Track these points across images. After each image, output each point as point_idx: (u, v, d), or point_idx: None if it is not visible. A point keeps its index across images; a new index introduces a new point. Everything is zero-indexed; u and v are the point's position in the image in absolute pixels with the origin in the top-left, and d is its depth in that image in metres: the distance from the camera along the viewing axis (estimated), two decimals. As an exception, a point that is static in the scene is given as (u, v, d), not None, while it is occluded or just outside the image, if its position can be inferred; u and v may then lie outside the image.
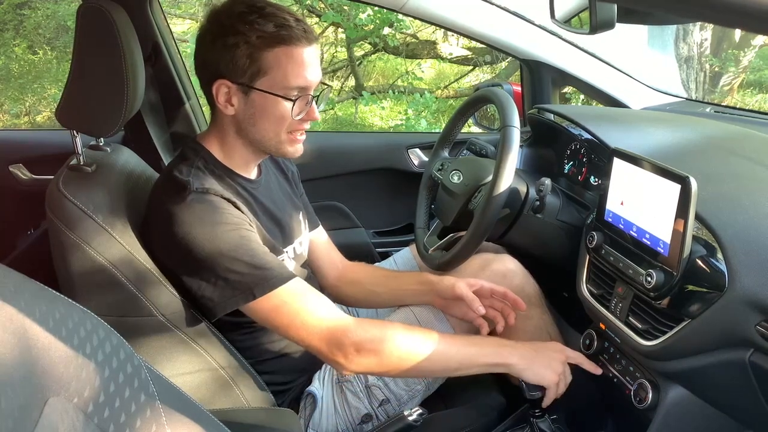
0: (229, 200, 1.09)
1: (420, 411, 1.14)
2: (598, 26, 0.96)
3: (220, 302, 1.07)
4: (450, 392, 1.32)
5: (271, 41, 1.05)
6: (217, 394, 1.15)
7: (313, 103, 1.13)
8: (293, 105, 1.09)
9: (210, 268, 1.04)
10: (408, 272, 1.41)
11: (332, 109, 5.17)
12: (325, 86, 1.20)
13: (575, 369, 1.30)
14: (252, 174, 1.22)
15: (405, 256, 1.57)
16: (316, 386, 1.25)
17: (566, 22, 1.34)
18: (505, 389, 1.35)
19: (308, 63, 1.09)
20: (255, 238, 1.09)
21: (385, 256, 1.72)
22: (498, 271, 1.33)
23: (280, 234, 1.23)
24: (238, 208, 1.09)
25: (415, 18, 1.97)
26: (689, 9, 0.44)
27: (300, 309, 1.08)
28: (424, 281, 1.31)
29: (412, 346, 1.09)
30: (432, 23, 1.90)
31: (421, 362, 1.10)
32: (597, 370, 1.18)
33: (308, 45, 1.08)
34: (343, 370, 1.10)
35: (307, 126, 1.15)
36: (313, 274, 1.41)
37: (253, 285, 1.05)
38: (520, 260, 1.38)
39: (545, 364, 1.13)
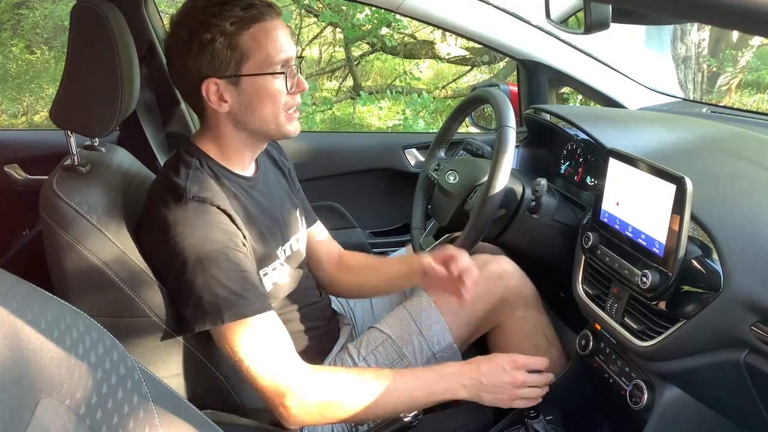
0: (225, 211, 1.07)
1: (415, 412, 1.14)
2: (592, 26, 0.96)
3: (191, 320, 1.05)
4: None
5: (244, 24, 1.05)
6: (211, 395, 1.15)
7: (299, 73, 1.13)
8: (285, 78, 1.09)
9: (189, 281, 1.03)
10: (396, 257, 1.39)
11: (330, 109, 5.16)
12: (300, 59, 1.18)
13: (571, 371, 1.30)
14: (249, 171, 1.21)
15: (401, 256, 1.57)
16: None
17: (562, 22, 1.35)
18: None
19: (283, 35, 1.09)
20: (241, 260, 1.06)
21: (381, 256, 1.72)
22: (494, 273, 1.33)
23: (277, 231, 1.22)
24: (233, 221, 1.08)
25: (411, 18, 1.97)
26: (681, 10, 0.44)
27: (258, 348, 1.05)
28: (408, 263, 1.31)
29: (361, 404, 1.07)
30: (428, 23, 1.90)
31: (367, 414, 1.09)
32: (543, 364, 1.16)
33: (278, 18, 1.09)
34: (283, 422, 1.08)
35: (300, 98, 1.15)
36: (311, 269, 1.42)
37: (224, 309, 1.02)
38: (516, 261, 1.38)
39: (494, 392, 1.12)
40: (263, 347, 1.05)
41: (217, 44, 1.05)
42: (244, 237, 1.10)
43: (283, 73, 1.09)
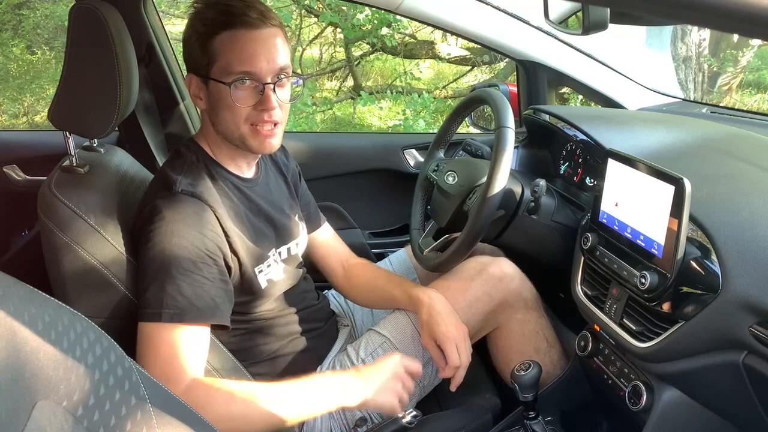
0: (213, 209, 1.07)
1: (414, 413, 1.14)
2: (590, 27, 0.96)
3: (138, 309, 1.03)
4: (445, 394, 1.32)
5: (214, 27, 1.05)
6: (210, 396, 1.15)
7: (269, 90, 1.07)
8: (230, 90, 1.05)
9: (146, 269, 1.03)
10: (403, 284, 1.34)
11: (330, 109, 5.16)
12: (296, 75, 1.15)
13: (570, 372, 1.30)
14: (248, 173, 1.22)
15: (400, 257, 1.57)
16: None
17: (560, 23, 1.34)
18: (500, 390, 1.35)
19: (253, 47, 1.05)
20: (206, 265, 1.04)
21: (381, 256, 1.72)
22: (494, 275, 1.32)
23: (273, 234, 1.22)
24: (219, 220, 1.08)
25: (410, 19, 1.97)
26: (676, 13, 0.44)
27: (174, 357, 1.00)
28: (414, 303, 1.27)
29: (239, 420, 1.01)
30: (427, 24, 1.90)
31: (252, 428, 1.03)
32: (417, 366, 1.17)
33: (254, 29, 1.05)
34: None
35: (268, 117, 1.09)
36: (320, 269, 1.44)
37: (165, 307, 1.00)
38: (515, 261, 1.38)
39: (381, 396, 1.09)
40: (176, 359, 1.01)
41: (191, 42, 1.08)
42: (229, 241, 1.10)
43: (225, 83, 1.05)
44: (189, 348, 1.02)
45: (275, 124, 1.11)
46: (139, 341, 1.02)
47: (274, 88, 1.08)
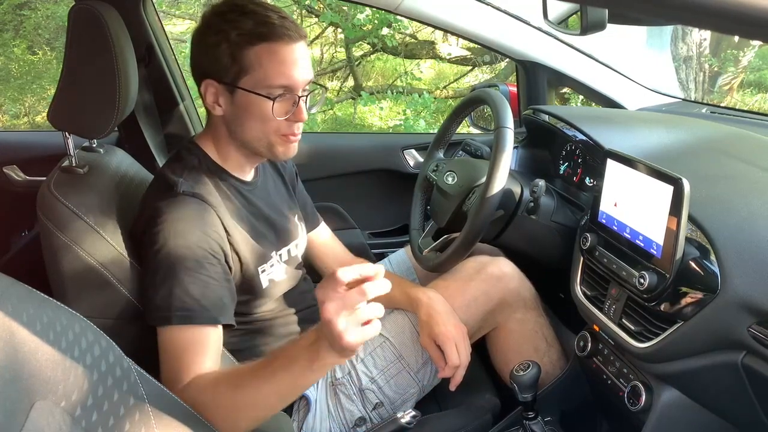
0: (215, 210, 1.07)
1: (413, 413, 1.14)
2: (588, 27, 0.96)
3: (144, 310, 1.03)
4: (444, 394, 1.32)
5: (250, 38, 1.04)
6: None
7: (302, 103, 1.09)
8: (273, 105, 1.06)
9: (154, 272, 1.02)
10: (402, 284, 1.34)
11: (331, 109, 5.17)
12: (319, 86, 1.16)
13: (569, 372, 1.30)
14: (248, 176, 1.22)
15: (400, 257, 1.57)
16: (309, 389, 1.24)
17: (559, 23, 1.34)
18: (499, 390, 1.35)
19: (291, 61, 1.06)
20: (211, 266, 1.04)
21: (380, 257, 1.72)
22: (493, 275, 1.32)
23: (274, 236, 1.22)
24: (222, 221, 1.08)
25: (410, 19, 1.97)
26: (674, 14, 0.44)
27: (192, 359, 0.99)
28: (413, 303, 1.27)
29: (231, 410, 0.95)
30: (427, 24, 1.90)
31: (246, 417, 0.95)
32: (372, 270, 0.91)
33: (291, 42, 1.05)
34: None
35: (297, 128, 1.11)
36: (318, 269, 1.44)
37: (175, 310, 1.00)
38: (515, 261, 1.38)
39: (332, 351, 0.88)
40: (194, 360, 0.99)
41: (220, 50, 1.05)
42: (231, 241, 1.10)
43: (269, 98, 1.05)
44: (201, 349, 1.02)
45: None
46: (160, 348, 1.02)
47: (306, 100, 1.09)
